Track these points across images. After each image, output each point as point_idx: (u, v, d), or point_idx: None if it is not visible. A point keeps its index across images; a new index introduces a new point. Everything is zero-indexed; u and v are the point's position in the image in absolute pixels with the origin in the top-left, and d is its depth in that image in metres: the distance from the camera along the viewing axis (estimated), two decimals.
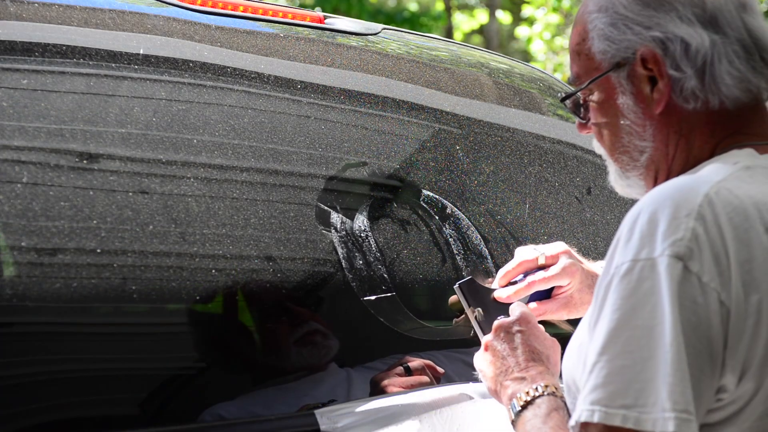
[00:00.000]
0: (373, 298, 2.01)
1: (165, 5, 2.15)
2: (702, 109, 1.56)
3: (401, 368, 2.02)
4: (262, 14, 2.31)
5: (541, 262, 1.97)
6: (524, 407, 1.66)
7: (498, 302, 1.92)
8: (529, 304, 1.97)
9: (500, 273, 1.98)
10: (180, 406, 1.85)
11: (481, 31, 17.80)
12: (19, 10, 1.89)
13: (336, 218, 2.05)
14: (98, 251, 1.74)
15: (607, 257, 1.43)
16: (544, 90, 2.73)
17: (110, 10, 2.04)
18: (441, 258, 2.18)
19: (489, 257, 2.24)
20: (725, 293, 1.36)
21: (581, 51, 1.65)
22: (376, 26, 2.52)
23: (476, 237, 2.24)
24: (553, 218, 2.46)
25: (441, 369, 2.06)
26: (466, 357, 1.92)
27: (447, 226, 2.21)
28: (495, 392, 1.78)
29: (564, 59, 13.01)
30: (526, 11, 14.04)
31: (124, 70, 1.94)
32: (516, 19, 16.89)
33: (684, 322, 1.34)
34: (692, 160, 1.57)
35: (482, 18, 16.97)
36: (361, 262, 2.03)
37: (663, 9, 1.56)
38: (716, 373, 1.36)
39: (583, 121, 1.69)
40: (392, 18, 15.14)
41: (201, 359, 1.92)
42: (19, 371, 1.68)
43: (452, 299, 1.96)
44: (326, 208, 2.05)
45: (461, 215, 2.24)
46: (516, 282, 1.97)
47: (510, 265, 1.98)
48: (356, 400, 1.90)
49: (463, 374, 2.02)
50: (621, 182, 1.66)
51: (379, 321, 2.02)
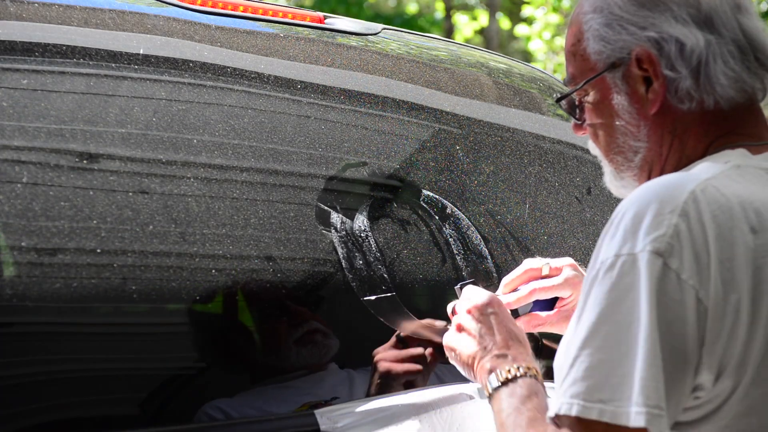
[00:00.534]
0: (373, 298, 2.01)
1: (165, 5, 2.15)
2: (696, 110, 1.56)
3: (405, 319, 2.01)
4: (262, 14, 2.31)
5: (545, 273, 1.97)
6: (504, 383, 1.63)
7: None
8: (531, 313, 1.97)
9: (504, 280, 1.98)
10: (180, 406, 1.85)
11: (481, 32, 17.79)
12: (19, 10, 1.89)
13: (336, 218, 2.05)
14: (98, 251, 1.74)
15: (594, 252, 1.44)
16: (544, 90, 2.72)
17: (110, 10, 2.04)
18: (441, 258, 2.18)
19: (489, 257, 2.23)
20: (703, 291, 1.36)
21: (576, 52, 1.65)
22: (376, 26, 2.52)
23: (476, 237, 2.24)
24: (553, 218, 2.46)
25: (437, 338, 2.05)
26: None
27: (447, 226, 2.21)
28: (469, 367, 1.76)
29: (564, 59, 12.98)
30: (526, 11, 14.03)
31: (124, 70, 1.94)
32: (516, 20, 16.88)
33: (660, 319, 1.35)
34: (685, 160, 1.58)
35: (483, 20, 16.95)
36: (361, 262, 2.03)
37: (658, 9, 1.56)
38: (691, 370, 1.37)
39: (579, 122, 1.70)
40: (390, 21, 15.14)
41: (201, 359, 1.92)
42: (19, 371, 1.68)
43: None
44: (326, 208, 2.05)
45: (461, 215, 2.24)
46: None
47: (514, 273, 1.98)
48: (356, 401, 1.90)
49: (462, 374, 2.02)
50: (616, 182, 1.67)
51: (379, 321, 2.02)
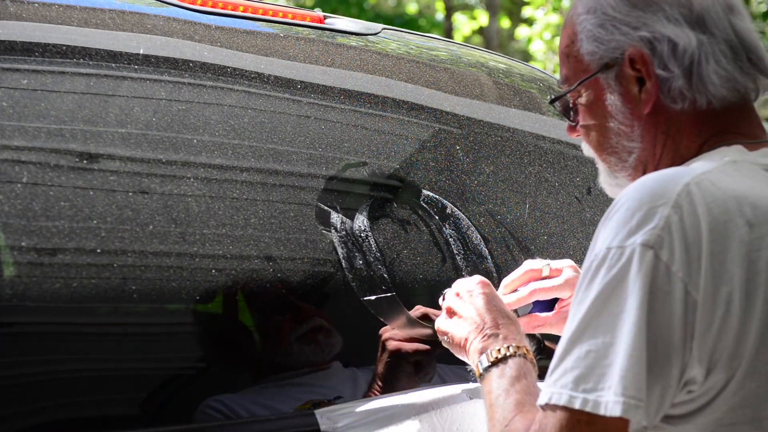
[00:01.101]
0: (373, 298, 2.01)
1: (165, 5, 2.15)
2: (689, 109, 1.57)
3: (405, 319, 2.01)
4: (262, 14, 2.31)
5: (546, 274, 1.97)
6: (494, 364, 1.65)
7: None
8: (531, 314, 1.98)
9: (505, 281, 1.98)
10: (182, 405, 1.85)
11: (481, 32, 17.79)
12: (19, 10, 1.89)
13: (336, 218, 2.05)
14: (98, 251, 1.74)
15: (590, 246, 1.45)
16: (544, 90, 2.73)
17: (110, 10, 2.04)
18: (441, 258, 2.18)
19: (489, 257, 2.23)
20: (693, 283, 1.37)
21: (570, 53, 1.66)
22: (376, 26, 2.52)
23: (476, 237, 2.24)
24: (553, 218, 2.46)
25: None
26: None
27: (447, 226, 2.21)
28: (462, 349, 1.78)
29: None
30: (526, 12, 14.04)
31: (124, 70, 1.94)
32: (516, 20, 16.89)
33: (648, 310, 1.35)
34: (678, 160, 1.58)
35: (482, 20, 16.96)
36: (361, 262, 2.03)
37: (650, 9, 1.57)
38: (677, 362, 1.37)
39: (573, 124, 1.70)
40: (390, 21, 15.14)
41: (203, 357, 1.92)
42: (19, 371, 1.68)
43: None
44: (326, 208, 2.05)
45: (461, 215, 2.24)
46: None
47: (515, 274, 1.98)
48: (356, 401, 1.90)
49: (463, 374, 2.02)
50: (610, 182, 1.68)
51: (378, 321, 2.02)
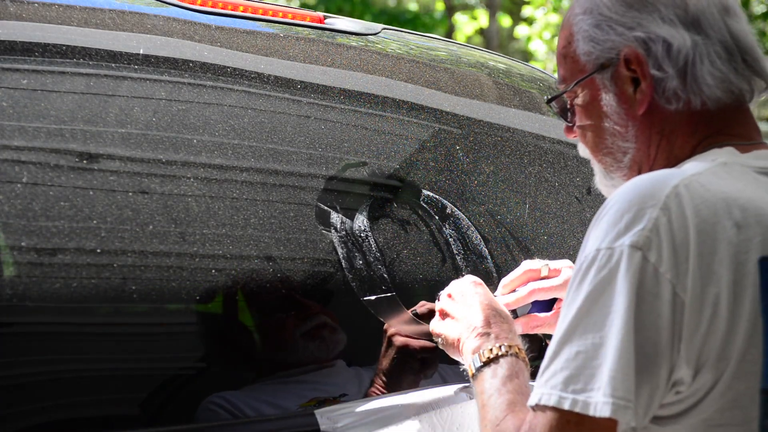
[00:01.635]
0: (373, 298, 2.01)
1: (165, 5, 2.15)
2: (684, 110, 1.58)
3: (410, 316, 2.01)
4: (262, 14, 2.31)
5: (544, 274, 1.97)
6: (486, 364, 1.66)
7: None
8: (529, 314, 1.98)
9: (503, 281, 1.99)
10: (184, 405, 1.85)
11: (481, 32, 17.80)
12: (19, 10, 1.89)
13: (336, 218, 2.05)
14: (98, 251, 1.74)
15: (581, 248, 1.45)
16: (544, 90, 2.73)
17: (110, 10, 2.04)
18: (441, 258, 2.18)
19: (489, 257, 2.24)
20: (681, 285, 1.37)
21: (567, 54, 1.66)
22: (376, 26, 2.52)
23: (476, 237, 2.24)
24: (553, 218, 2.46)
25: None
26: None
27: (447, 226, 2.21)
28: (456, 350, 1.79)
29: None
30: (526, 11, 14.05)
31: (124, 70, 1.94)
32: (516, 20, 16.89)
33: (636, 311, 1.36)
34: (673, 160, 1.59)
35: (483, 20, 16.96)
36: (361, 262, 2.03)
37: (646, 10, 1.58)
38: (665, 363, 1.38)
39: (570, 125, 1.71)
40: (395, 18, 15.15)
41: (206, 356, 1.92)
42: (19, 371, 1.68)
43: None
44: (326, 208, 2.05)
45: (461, 215, 2.24)
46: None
47: (513, 274, 1.99)
48: (356, 401, 1.90)
49: (463, 374, 2.02)
50: (606, 183, 1.68)
51: (378, 321, 2.02)
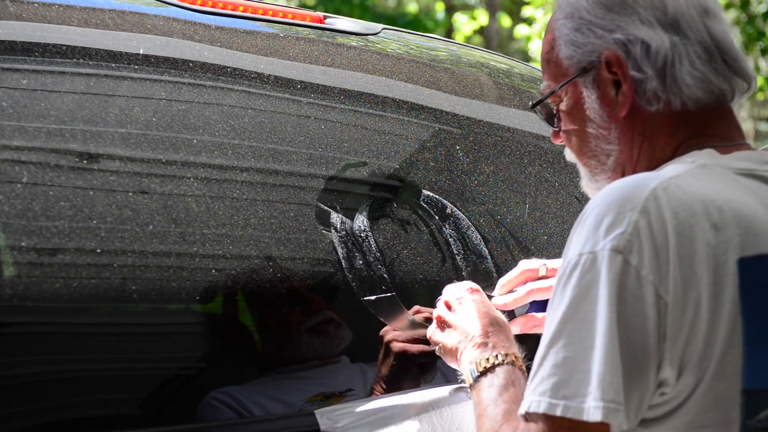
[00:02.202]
0: (373, 298, 2.01)
1: (165, 5, 2.15)
2: (665, 111, 1.59)
3: (405, 319, 2.02)
4: (262, 14, 2.31)
5: (542, 273, 1.97)
6: (483, 373, 1.67)
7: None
8: (527, 314, 1.97)
9: (501, 281, 1.99)
10: (189, 402, 1.85)
11: (481, 32, 17.80)
12: (19, 10, 1.89)
13: (336, 218, 2.05)
14: (98, 251, 1.74)
15: (563, 253, 1.46)
16: None
17: (110, 10, 2.04)
18: (441, 258, 2.18)
19: (489, 257, 2.24)
20: (663, 287, 1.38)
21: (551, 59, 1.68)
22: (376, 26, 2.52)
23: (476, 237, 2.24)
24: (553, 218, 2.46)
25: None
26: None
27: (447, 226, 2.21)
28: (454, 359, 1.80)
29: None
30: (526, 11, 14.05)
31: (124, 70, 1.94)
32: (516, 20, 16.89)
33: (620, 314, 1.37)
34: (655, 161, 1.60)
35: (482, 20, 16.96)
36: (361, 262, 2.03)
37: (625, 12, 1.59)
38: (653, 365, 1.39)
39: (557, 130, 1.72)
40: (394, 21, 15.14)
41: (210, 353, 1.92)
42: (19, 371, 1.68)
43: None
44: (326, 208, 2.05)
45: (461, 215, 2.24)
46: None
47: (511, 274, 1.99)
48: (356, 401, 1.90)
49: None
50: (591, 186, 1.69)
51: (378, 321, 2.02)
